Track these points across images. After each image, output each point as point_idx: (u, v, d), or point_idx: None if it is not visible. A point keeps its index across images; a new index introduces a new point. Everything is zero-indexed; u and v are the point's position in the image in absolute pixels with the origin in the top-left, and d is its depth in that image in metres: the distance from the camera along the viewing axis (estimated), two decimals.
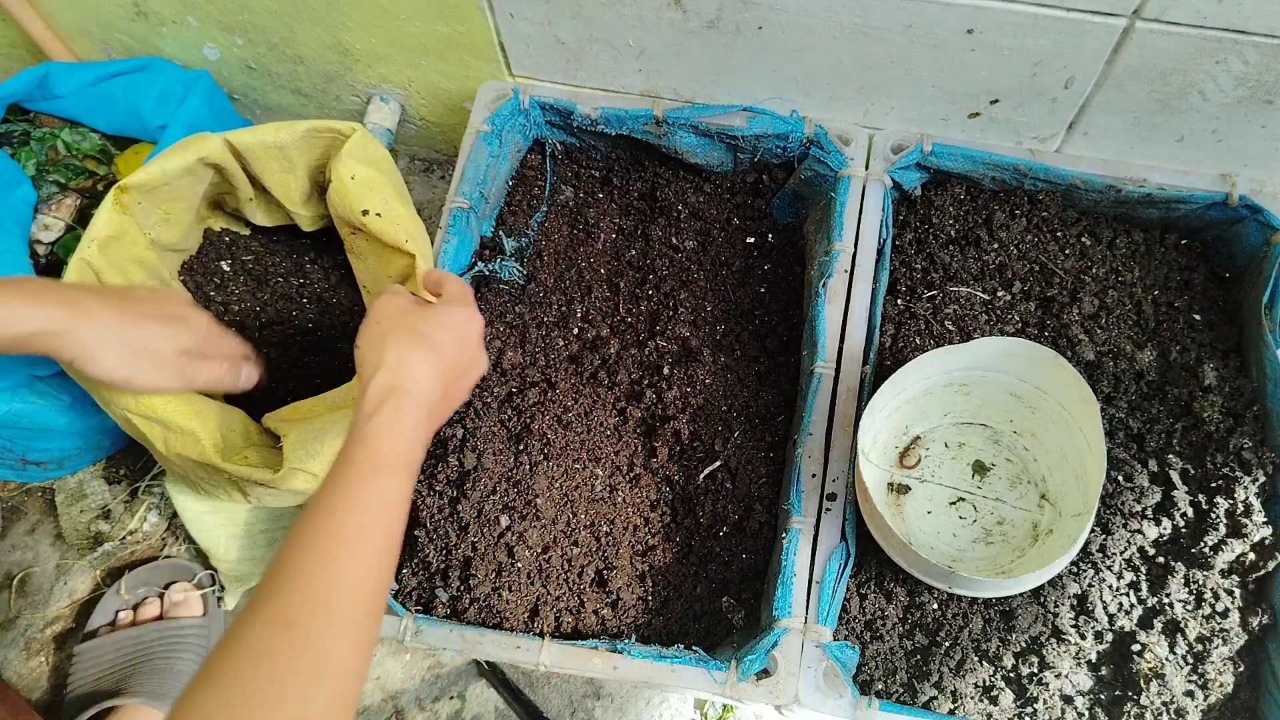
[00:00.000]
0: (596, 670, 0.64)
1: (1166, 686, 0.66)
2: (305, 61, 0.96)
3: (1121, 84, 0.74)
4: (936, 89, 0.78)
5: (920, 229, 0.80)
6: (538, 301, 0.82)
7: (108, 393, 0.68)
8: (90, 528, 0.96)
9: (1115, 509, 0.69)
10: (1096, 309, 0.76)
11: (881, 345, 0.74)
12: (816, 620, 0.65)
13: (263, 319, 0.84)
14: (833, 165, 0.78)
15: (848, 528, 0.67)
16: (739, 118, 0.80)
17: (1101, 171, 0.78)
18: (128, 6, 0.92)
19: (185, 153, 0.73)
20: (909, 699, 0.67)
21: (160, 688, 0.83)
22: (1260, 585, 0.68)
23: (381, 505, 0.49)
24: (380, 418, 0.51)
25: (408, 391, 0.53)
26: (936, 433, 0.76)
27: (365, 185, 0.74)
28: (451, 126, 1.03)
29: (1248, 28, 0.66)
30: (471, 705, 0.91)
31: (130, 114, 0.92)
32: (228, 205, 0.85)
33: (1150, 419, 0.72)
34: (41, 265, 0.90)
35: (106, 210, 0.71)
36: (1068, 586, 0.68)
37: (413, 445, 0.52)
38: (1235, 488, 0.68)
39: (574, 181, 0.89)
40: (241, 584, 0.92)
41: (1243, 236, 0.78)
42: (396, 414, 0.51)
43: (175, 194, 0.75)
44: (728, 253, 0.84)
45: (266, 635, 0.42)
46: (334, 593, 0.44)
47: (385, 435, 0.51)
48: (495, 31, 0.84)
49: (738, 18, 0.75)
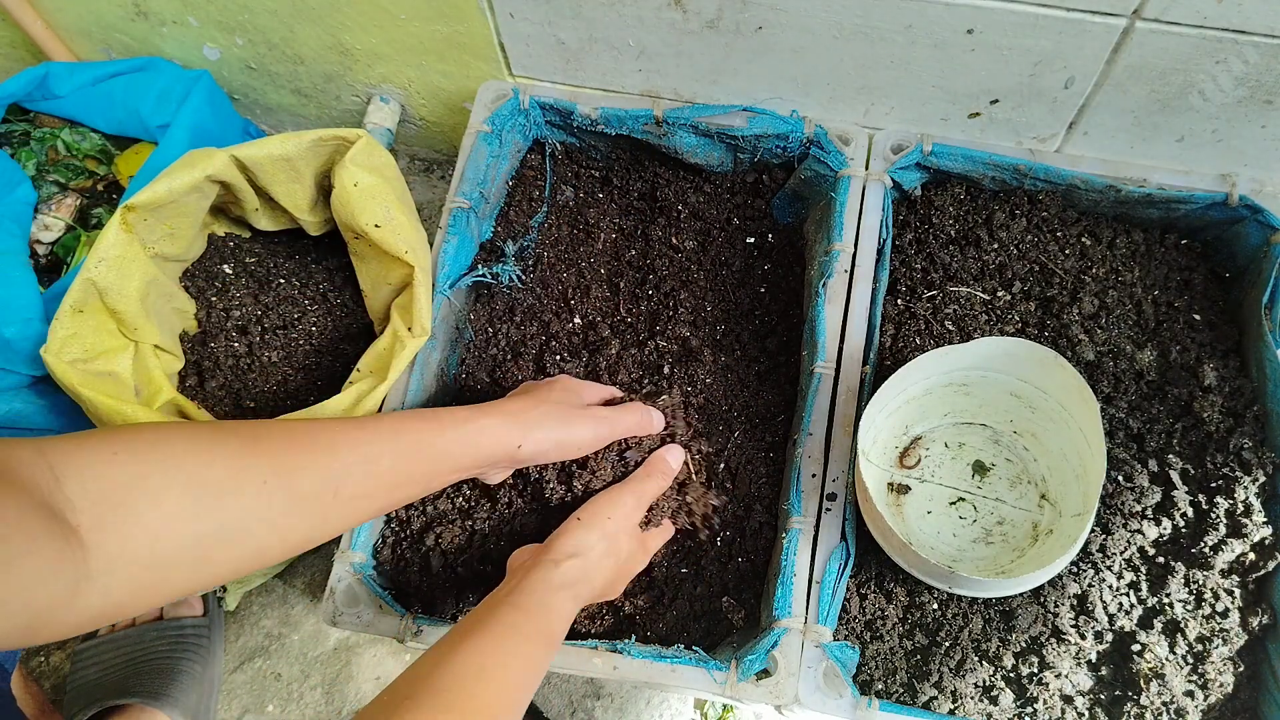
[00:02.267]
0: (596, 670, 0.64)
1: (1166, 686, 0.66)
2: (305, 61, 0.96)
3: (1121, 84, 0.74)
4: (936, 89, 0.78)
5: (920, 229, 0.80)
6: (537, 302, 0.82)
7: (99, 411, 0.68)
8: None
9: (1115, 509, 0.69)
10: (1096, 309, 0.76)
11: (881, 345, 0.74)
12: (816, 620, 0.65)
13: (265, 323, 0.84)
14: (833, 165, 0.78)
15: (848, 528, 0.67)
16: (739, 118, 0.80)
17: (1101, 171, 0.78)
18: (128, 6, 0.92)
19: (192, 170, 0.73)
20: (909, 699, 0.67)
21: (160, 687, 0.83)
22: (1260, 585, 0.68)
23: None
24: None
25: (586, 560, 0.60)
26: (936, 433, 0.76)
27: (368, 192, 0.74)
28: (451, 126, 1.03)
29: (1248, 28, 0.66)
30: None
31: (130, 114, 0.92)
32: (231, 212, 0.85)
33: (1150, 419, 0.72)
34: (41, 265, 0.90)
35: (114, 230, 0.71)
36: (1068, 586, 0.68)
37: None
38: (1235, 488, 0.68)
39: (574, 181, 0.89)
40: (243, 585, 0.92)
41: (1243, 236, 0.78)
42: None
43: (181, 210, 0.75)
44: (728, 253, 0.84)
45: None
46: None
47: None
48: (495, 31, 0.84)
49: (738, 18, 0.75)
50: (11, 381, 0.78)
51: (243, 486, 0.46)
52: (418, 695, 0.46)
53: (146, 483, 0.42)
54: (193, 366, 0.82)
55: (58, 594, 0.38)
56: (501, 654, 0.51)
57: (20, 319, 0.76)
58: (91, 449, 0.42)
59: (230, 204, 0.82)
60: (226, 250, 0.86)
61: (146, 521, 0.42)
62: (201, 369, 0.82)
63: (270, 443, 0.49)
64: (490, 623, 0.52)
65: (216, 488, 0.45)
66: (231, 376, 0.82)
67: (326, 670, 0.93)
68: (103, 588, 0.40)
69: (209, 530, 0.45)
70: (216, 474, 0.45)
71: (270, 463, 0.48)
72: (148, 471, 0.43)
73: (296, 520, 0.50)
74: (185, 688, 0.85)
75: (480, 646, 0.50)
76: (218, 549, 0.45)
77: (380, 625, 0.66)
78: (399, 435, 0.56)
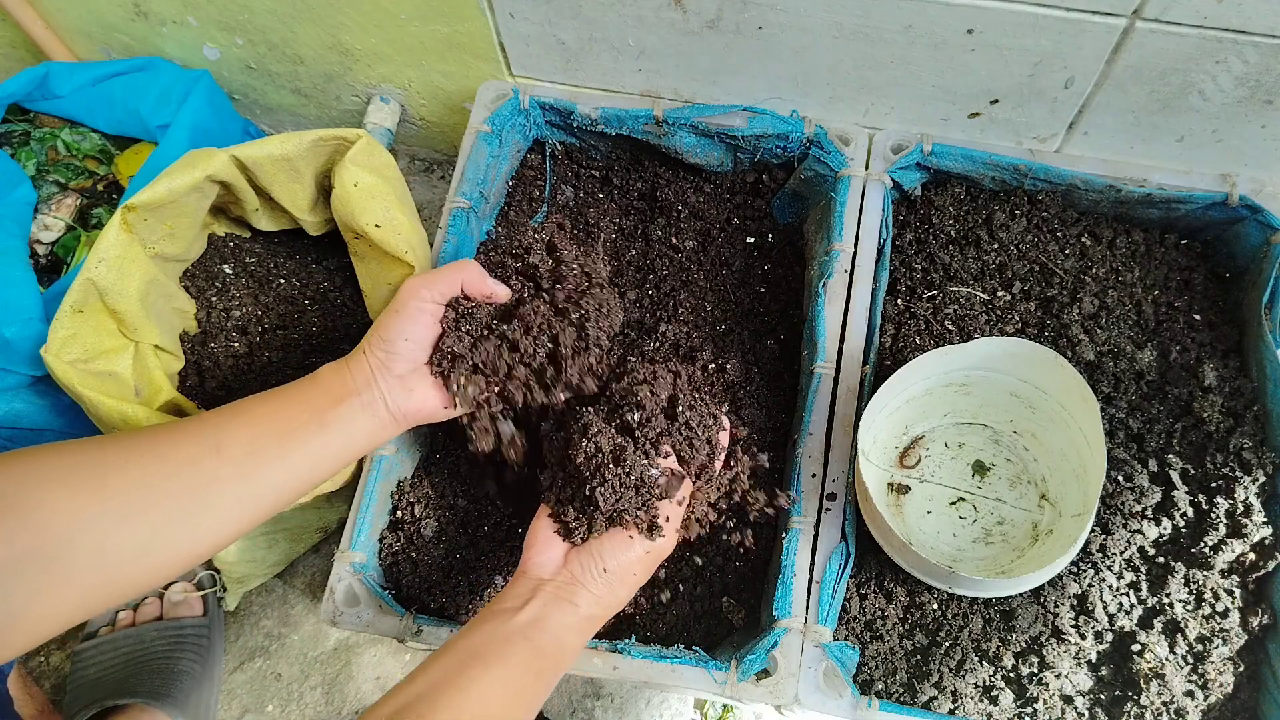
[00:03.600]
0: (596, 670, 0.64)
1: (1166, 686, 0.66)
2: (305, 61, 0.96)
3: (1121, 84, 0.74)
4: (937, 89, 0.78)
5: (920, 229, 0.80)
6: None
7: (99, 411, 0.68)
8: None
9: (1115, 509, 0.69)
10: (1096, 309, 0.76)
11: (881, 345, 0.74)
12: (816, 620, 0.65)
13: (265, 323, 0.84)
14: (833, 165, 0.78)
15: (848, 528, 0.67)
16: (739, 118, 0.80)
17: (1101, 171, 0.78)
18: (128, 6, 0.92)
19: (192, 171, 0.72)
20: (909, 699, 0.67)
21: (160, 688, 0.83)
22: (1260, 585, 0.68)
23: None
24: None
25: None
26: (936, 433, 0.76)
27: (368, 193, 0.74)
28: (451, 126, 1.03)
29: (1248, 28, 0.66)
30: None
31: (130, 114, 0.92)
32: (231, 213, 0.85)
33: (1150, 419, 0.72)
34: (41, 265, 0.90)
35: (114, 230, 0.71)
36: (1068, 586, 0.68)
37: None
38: (1235, 488, 0.68)
39: (574, 181, 0.89)
40: (243, 585, 0.92)
41: (1243, 236, 0.78)
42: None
43: (181, 210, 0.75)
44: (728, 253, 0.84)
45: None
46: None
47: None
48: (495, 31, 0.84)
49: (738, 18, 0.75)
50: (11, 381, 0.78)
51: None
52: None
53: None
54: (193, 366, 0.82)
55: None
56: (512, 694, 0.51)
57: (20, 319, 0.76)
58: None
59: (230, 204, 0.82)
60: (226, 250, 0.86)
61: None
62: (201, 369, 0.82)
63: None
64: (505, 655, 0.53)
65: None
66: (231, 376, 0.82)
67: (326, 670, 0.93)
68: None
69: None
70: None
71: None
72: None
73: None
74: (185, 688, 0.85)
75: (491, 682, 0.51)
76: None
77: (380, 625, 0.66)
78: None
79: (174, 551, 0.49)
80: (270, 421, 0.55)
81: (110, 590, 0.47)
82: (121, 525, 0.47)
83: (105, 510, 0.46)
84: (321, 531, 0.93)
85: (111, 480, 0.47)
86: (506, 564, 0.71)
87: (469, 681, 0.50)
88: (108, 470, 0.48)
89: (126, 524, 0.47)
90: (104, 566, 0.46)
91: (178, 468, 0.50)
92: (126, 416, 0.68)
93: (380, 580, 0.70)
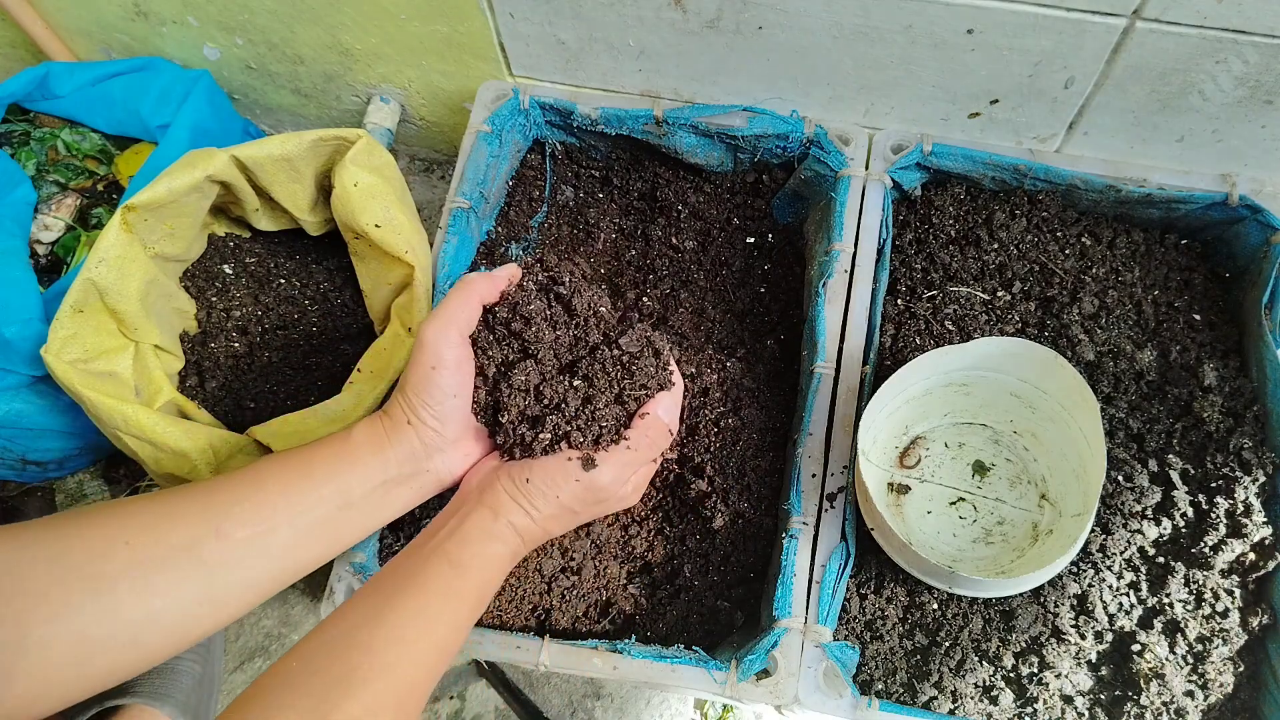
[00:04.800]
0: (596, 670, 0.64)
1: (1166, 686, 0.66)
2: (305, 61, 0.96)
3: (1121, 84, 0.74)
4: (937, 89, 0.78)
5: (920, 229, 0.80)
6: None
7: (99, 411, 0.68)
8: None
9: (1115, 509, 0.69)
10: (1096, 309, 0.76)
11: (881, 345, 0.74)
12: (816, 620, 0.65)
13: (265, 323, 0.84)
14: (833, 165, 0.78)
15: (848, 528, 0.67)
16: (739, 118, 0.80)
17: (1101, 171, 0.78)
18: (128, 6, 0.92)
19: (192, 171, 0.72)
20: (909, 699, 0.67)
21: (160, 687, 0.83)
22: (1260, 585, 0.68)
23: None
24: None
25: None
26: (936, 433, 0.76)
27: (368, 192, 0.74)
28: (451, 126, 1.03)
29: (1248, 28, 0.66)
30: (471, 705, 0.91)
31: (130, 114, 0.92)
32: (232, 213, 0.85)
33: (1150, 419, 0.72)
34: (41, 265, 0.90)
35: (114, 230, 0.71)
36: (1068, 586, 0.68)
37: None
38: (1235, 488, 0.68)
39: (574, 181, 0.89)
40: None
41: (1243, 236, 0.78)
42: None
43: (181, 210, 0.75)
44: (728, 253, 0.84)
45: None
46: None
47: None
48: (495, 31, 0.84)
49: (738, 18, 0.75)
50: (11, 381, 0.78)
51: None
52: (332, 670, 0.45)
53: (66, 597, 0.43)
54: (193, 366, 0.82)
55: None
56: (430, 620, 0.49)
57: (20, 319, 0.76)
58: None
59: (230, 204, 0.82)
60: (226, 250, 0.86)
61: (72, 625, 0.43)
62: (201, 369, 0.82)
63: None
64: (422, 581, 0.50)
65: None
66: (231, 376, 0.82)
67: None
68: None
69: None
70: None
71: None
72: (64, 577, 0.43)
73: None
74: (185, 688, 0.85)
75: (406, 612, 0.48)
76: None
77: None
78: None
79: (165, 639, 0.47)
80: (285, 500, 0.50)
81: (90, 679, 0.44)
82: (110, 614, 0.44)
83: (90, 599, 0.44)
84: None
85: (98, 566, 0.44)
86: None
87: (383, 618, 0.47)
88: (94, 556, 0.44)
89: (115, 613, 0.44)
90: (88, 658, 0.44)
91: (171, 553, 0.46)
92: (126, 416, 0.68)
93: None
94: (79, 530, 0.46)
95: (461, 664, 0.93)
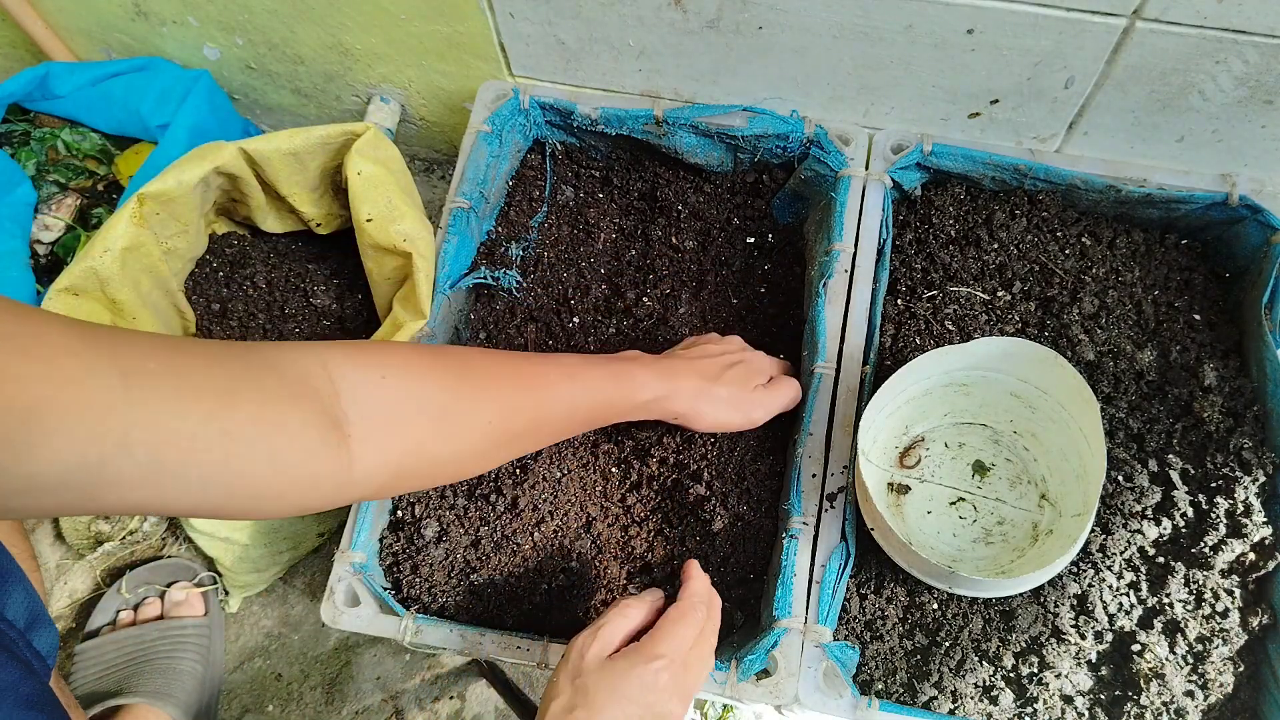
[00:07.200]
0: None
1: (1166, 686, 0.66)
2: (305, 61, 0.96)
3: (1121, 84, 0.74)
4: (937, 89, 0.78)
5: (920, 229, 0.80)
6: (537, 303, 0.82)
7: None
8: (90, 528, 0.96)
9: (1115, 509, 0.69)
10: (1096, 309, 0.76)
11: (881, 345, 0.74)
12: (816, 620, 0.65)
13: (267, 326, 0.84)
14: (833, 165, 0.78)
15: (848, 528, 0.67)
16: (739, 118, 0.80)
17: (1101, 171, 0.78)
18: (128, 6, 0.92)
19: (201, 163, 0.72)
20: (909, 699, 0.67)
21: (162, 687, 0.83)
22: (1260, 585, 0.68)
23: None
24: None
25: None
26: (936, 433, 0.76)
27: (370, 182, 0.74)
28: (451, 126, 1.03)
29: (1248, 28, 0.66)
30: (471, 705, 0.91)
31: (130, 114, 0.92)
32: (237, 213, 0.85)
33: (1150, 419, 0.72)
34: (41, 265, 0.90)
35: (125, 221, 0.71)
36: (1068, 586, 0.68)
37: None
38: (1235, 488, 0.68)
39: (574, 181, 0.89)
40: (244, 591, 0.93)
41: (1243, 236, 0.78)
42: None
43: (189, 205, 0.75)
44: (728, 253, 0.84)
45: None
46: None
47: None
48: (495, 31, 0.84)
49: (738, 18, 0.75)
50: None
51: (474, 423, 0.53)
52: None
53: (404, 407, 0.49)
54: None
55: (326, 495, 0.46)
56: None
57: None
58: (365, 369, 0.48)
59: (236, 204, 0.82)
60: (227, 250, 0.86)
61: (403, 442, 0.49)
62: None
63: (498, 383, 0.56)
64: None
65: (455, 422, 0.52)
66: None
67: (326, 670, 0.93)
68: (359, 491, 0.48)
69: (444, 456, 0.52)
70: (458, 408, 0.53)
71: (497, 404, 0.55)
72: (406, 398, 0.50)
73: (502, 454, 0.58)
74: (187, 687, 0.85)
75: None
76: (442, 469, 0.54)
77: (380, 625, 0.66)
78: (585, 382, 0.61)
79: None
80: (582, 428, 0.62)
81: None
82: (443, 468, 0.54)
83: (442, 458, 0.53)
84: (321, 536, 0.94)
85: (462, 435, 0.53)
86: (506, 564, 0.71)
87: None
88: (460, 426, 0.54)
89: (446, 468, 0.55)
90: (418, 486, 0.54)
91: (508, 440, 0.57)
92: None
93: (380, 580, 0.70)
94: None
95: (461, 664, 0.93)
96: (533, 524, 0.71)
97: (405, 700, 0.91)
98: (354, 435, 0.46)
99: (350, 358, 0.48)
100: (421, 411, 0.50)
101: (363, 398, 0.47)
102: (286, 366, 0.44)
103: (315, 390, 0.45)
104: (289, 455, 0.42)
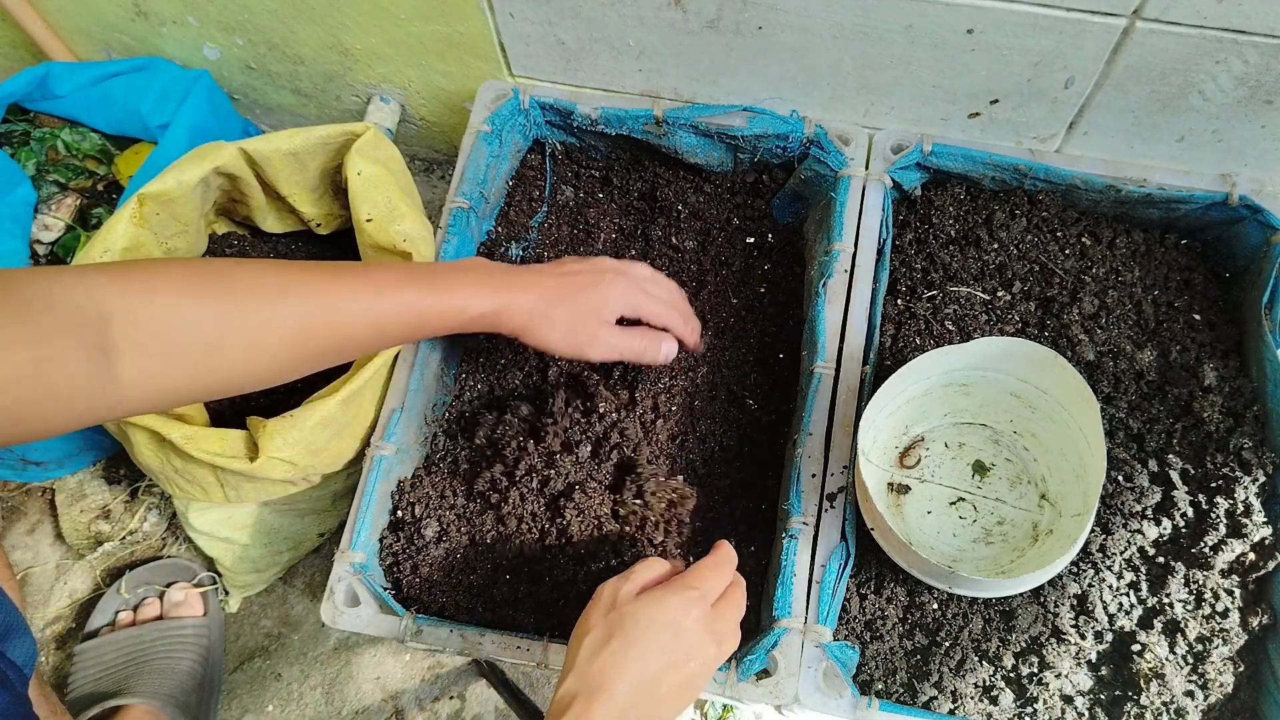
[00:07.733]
0: None
1: (1166, 686, 0.66)
2: (305, 61, 0.96)
3: (1121, 84, 0.74)
4: (937, 89, 0.78)
5: (920, 229, 0.80)
6: None
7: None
8: (90, 528, 0.96)
9: (1115, 509, 0.69)
10: (1096, 309, 0.76)
11: (881, 345, 0.74)
12: (816, 620, 0.65)
13: None
14: (833, 165, 0.78)
15: (848, 528, 0.67)
16: (739, 118, 0.80)
17: (1101, 171, 0.78)
18: (128, 6, 0.92)
19: (201, 163, 0.73)
20: (909, 699, 0.67)
21: (161, 687, 0.83)
22: (1260, 585, 0.68)
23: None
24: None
25: (594, 697, 0.48)
26: (936, 433, 0.76)
27: (370, 182, 0.74)
28: (451, 126, 1.03)
29: (1248, 28, 0.66)
30: (471, 705, 0.91)
31: (130, 114, 0.92)
32: (237, 214, 0.85)
33: (1150, 419, 0.72)
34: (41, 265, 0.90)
35: (125, 221, 0.71)
36: (1068, 586, 0.68)
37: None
38: (1235, 488, 0.68)
39: (574, 181, 0.89)
40: (244, 590, 0.92)
41: (1243, 236, 0.78)
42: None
43: (189, 204, 0.75)
44: (728, 253, 0.84)
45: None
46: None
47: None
48: (495, 31, 0.84)
49: (738, 18, 0.75)
50: None
51: (258, 342, 0.54)
52: None
53: (174, 328, 0.50)
54: None
55: (99, 414, 0.49)
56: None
57: None
58: (133, 294, 0.49)
59: (236, 203, 0.82)
60: (227, 250, 0.86)
61: (174, 363, 0.50)
62: None
63: (282, 297, 0.55)
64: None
65: (234, 341, 0.53)
66: None
67: (326, 670, 0.93)
68: (131, 408, 0.50)
69: (226, 372, 0.53)
70: (237, 326, 0.53)
71: (282, 321, 0.55)
72: (176, 319, 0.50)
73: (305, 368, 0.57)
74: (186, 688, 0.85)
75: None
76: (227, 384, 0.54)
77: (380, 625, 0.66)
78: (394, 297, 0.59)
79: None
80: (395, 342, 0.62)
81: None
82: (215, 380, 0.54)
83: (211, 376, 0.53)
84: (321, 536, 0.94)
85: (236, 355, 0.53)
86: (507, 564, 0.71)
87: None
88: (235, 347, 0.53)
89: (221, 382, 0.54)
90: (191, 397, 0.53)
91: (305, 360, 0.57)
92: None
93: (380, 580, 0.70)
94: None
95: (461, 664, 0.93)
96: (533, 524, 0.71)
97: (405, 700, 0.91)
98: (124, 360, 0.48)
99: (116, 282, 0.49)
100: (195, 332, 0.51)
101: (132, 324, 0.49)
102: (58, 300, 0.46)
103: (85, 320, 0.47)
104: (63, 389, 0.46)
